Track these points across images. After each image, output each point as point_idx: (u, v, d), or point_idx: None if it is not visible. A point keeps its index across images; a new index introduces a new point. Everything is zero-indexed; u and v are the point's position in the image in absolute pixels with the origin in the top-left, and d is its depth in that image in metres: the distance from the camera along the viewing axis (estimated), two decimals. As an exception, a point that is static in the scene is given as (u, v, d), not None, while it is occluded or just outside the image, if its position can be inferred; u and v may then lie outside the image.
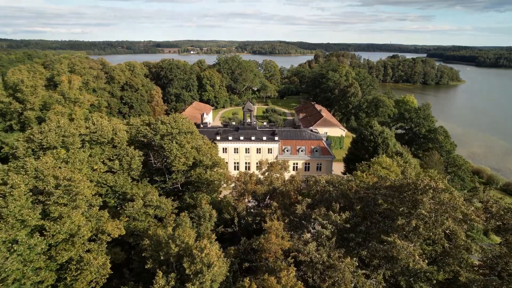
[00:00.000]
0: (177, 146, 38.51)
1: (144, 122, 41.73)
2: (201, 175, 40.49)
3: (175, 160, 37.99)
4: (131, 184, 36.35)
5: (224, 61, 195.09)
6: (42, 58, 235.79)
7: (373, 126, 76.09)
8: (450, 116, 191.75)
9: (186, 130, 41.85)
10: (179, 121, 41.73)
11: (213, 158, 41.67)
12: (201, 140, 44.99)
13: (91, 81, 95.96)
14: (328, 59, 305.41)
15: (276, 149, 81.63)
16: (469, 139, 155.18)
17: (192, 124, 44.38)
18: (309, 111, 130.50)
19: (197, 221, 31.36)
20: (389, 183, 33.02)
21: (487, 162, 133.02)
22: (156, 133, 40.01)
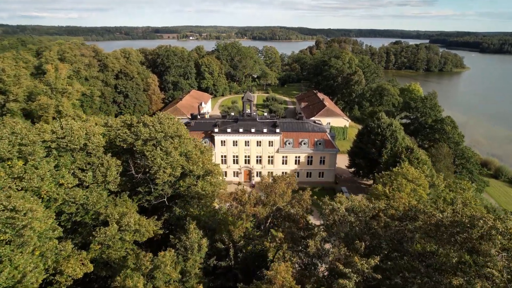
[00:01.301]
0: (162, 154, 33.35)
1: (125, 123, 36.36)
2: (191, 187, 35.46)
3: (160, 171, 32.74)
4: (106, 201, 31.32)
5: (223, 47, 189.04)
6: (37, 44, 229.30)
7: (380, 117, 71.76)
8: (454, 104, 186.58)
9: (174, 134, 36.42)
10: (165, 123, 36.08)
11: (205, 167, 36.53)
12: (192, 143, 40.11)
13: (82, 69, 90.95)
14: (330, 45, 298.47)
15: (277, 142, 77.47)
16: (473, 128, 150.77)
17: (181, 125, 39.17)
18: (311, 100, 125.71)
19: (184, 253, 26.54)
20: (433, 220, 24.47)
21: (493, 152, 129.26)
22: (138, 137, 34.33)
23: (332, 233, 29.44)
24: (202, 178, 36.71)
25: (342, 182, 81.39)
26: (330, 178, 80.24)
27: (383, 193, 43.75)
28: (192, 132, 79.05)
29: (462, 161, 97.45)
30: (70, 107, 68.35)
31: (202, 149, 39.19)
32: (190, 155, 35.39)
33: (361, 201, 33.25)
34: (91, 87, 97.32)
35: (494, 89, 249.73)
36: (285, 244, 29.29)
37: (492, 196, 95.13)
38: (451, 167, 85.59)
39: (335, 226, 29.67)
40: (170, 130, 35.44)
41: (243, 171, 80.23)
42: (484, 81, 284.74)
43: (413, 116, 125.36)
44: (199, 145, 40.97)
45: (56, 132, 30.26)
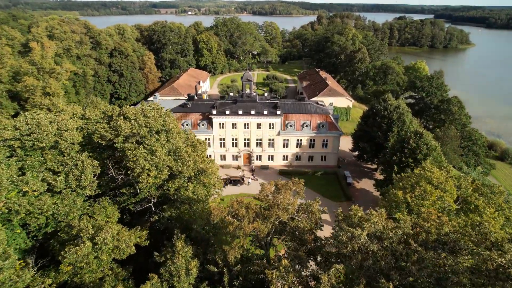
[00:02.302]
0: (146, 153, 28.68)
1: (105, 115, 31.17)
2: (181, 191, 30.76)
3: (143, 174, 28.10)
4: (81, 209, 27.17)
5: (222, 23, 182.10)
6: (29, 19, 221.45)
7: (387, 99, 68.05)
8: (458, 83, 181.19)
9: (160, 128, 31.45)
10: (150, 115, 31.00)
11: (198, 165, 31.73)
12: (183, 136, 35.33)
13: (73, 47, 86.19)
14: (332, 21, 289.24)
15: (278, 124, 74.11)
16: (479, 107, 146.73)
17: (169, 116, 33.87)
18: (313, 78, 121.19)
19: (169, 279, 22.73)
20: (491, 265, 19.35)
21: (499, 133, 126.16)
22: (118, 133, 29.25)
23: (350, 265, 24.09)
24: (194, 178, 32.51)
25: (345, 166, 78.61)
26: (332, 162, 77.42)
27: (404, 200, 38.63)
28: (189, 113, 75.70)
29: (469, 144, 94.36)
30: (59, 88, 64.52)
31: (195, 143, 35.54)
32: (179, 152, 30.97)
33: (384, 222, 27.39)
34: (84, 66, 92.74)
35: (500, 66, 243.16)
36: (291, 274, 23.98)
37: (498, 179, 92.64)
38: (458, 150, 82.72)
39: (354, 257, 24.54)
40: (156, 124, 31.00)
41: (242, 155, 77.31)
42: (490, 58, 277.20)
43: (418, 96, 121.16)
44: (191, 137, 36.94)
45: (19, 128, 25.79)
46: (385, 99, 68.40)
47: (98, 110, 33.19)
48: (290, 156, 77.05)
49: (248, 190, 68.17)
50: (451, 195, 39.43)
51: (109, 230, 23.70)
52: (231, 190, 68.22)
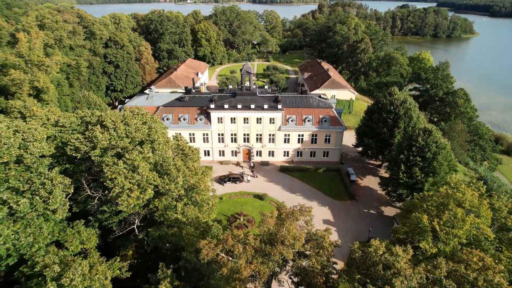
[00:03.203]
0: (127, 170, 24.93)
1: (83, 122, 27.37)
2: (168, 213, 26.36)
3: (123, 194, 24.26)
4: (49, 237, 23.08)
5: (221, 12, 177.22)
6: (23, 8, 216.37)
7: (393, 93, 64.94)
8: (462, 74, 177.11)
9: (144, 138, 27.25)
10: (132, 124, 26.78)
11: (188, 181, 27.23)
12: (173, 144, 31.22)
13: (65, 37, 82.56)
14: (333, 9, 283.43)
15: (279, 119, 71.12)
16: (483, 99, 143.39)
17: (156, 123, 29.84)
18: (315, 70, 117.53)
19: None
20: None
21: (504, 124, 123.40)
22: (95, 145, 25.34)
23: None
24: (185, 195, 28.14)
25: (348, 162, 75.88)
26: (335, 158, 74.67)
27: (430, 228, 32.14)
28: (186, 107, 72.72)
29: (475, 138, 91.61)
30: (48, 82, 61.21)
31: (186, 151, 31.25)
32: (167, 166, 26.62)
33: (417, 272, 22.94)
34: (77, 57, 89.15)
35: (505, 57, 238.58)
36: None
37: (504, 175, 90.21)
38: (465, 145, 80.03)
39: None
40: (139, 133, 26.95)
41: (242, 150, 74.52)
42: (494, 48, 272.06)
43: (423, 87, 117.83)
44: (182, 144, 32.49)
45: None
46: (391, 93, 65.28)
47: (74, 116, 29.10)
48: (291, 152, 74.27)
49: (248, 188, 65.63)
50: (486, 220, 33.25)
51: (79, 268, 19.82)
52: (230, 188, 65.68)
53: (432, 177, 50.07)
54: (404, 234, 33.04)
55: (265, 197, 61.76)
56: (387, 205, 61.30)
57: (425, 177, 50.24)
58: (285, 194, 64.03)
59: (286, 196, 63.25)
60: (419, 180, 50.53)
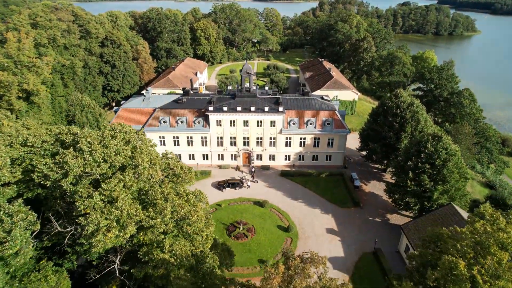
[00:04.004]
0: (103, 203, 21.24)
1: (57, 139, 23.33)
2: (154, 253, 22.09)
3: (98, 234, 20.34)
4: (7, 286, 19.35)
5: (220, 9, 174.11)
6: (20, 5, 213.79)
7: (399, 95, 62.29)
8: (465, 72, 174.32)
9: (126, 163, 23.37)
10: (111, 145, 22.87)
11: (179, 212, 22.83)
12: (161, 164, 26.87)
13: (59, 36, 79.79)
14: (334, 7, 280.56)
15: (280, 121, 68.51)
16: (487, 98, 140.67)
17: (143, 141, 26.33)
18: (316, 69, 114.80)
19: None
20: None
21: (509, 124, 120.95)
22: (66, 172, 21.64)
23: None
24: (175, 225, 24.01)
25: (352, 166, 73.33)
26: (338, 162, 72.12)
27: (469, 276, 25.38)
28: (183, 110, 70.15)
29: (481, 140, 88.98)
30: (39, 84, 58.51)
31: (178, 172, 26.98)
32: (152, 196, 22.59)
33: None
34: (72, 57, 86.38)
35: (509, 56, 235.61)
36: None
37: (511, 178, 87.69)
38: (472, 148, 77.40)
39: None
40: (120, 157, 23.03)
41: (241, 154, 71.94)
42: (496, 46, 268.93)
43: (427, 87, 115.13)
44: (173, 163, 28.22)
45: None
46: (397, 95, 62.62)
47: (47, 134, 25.22)
48: (292, 155, 71.71)
49: (248, 194, 63.11)
50: None
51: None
52: (229, 194, 63.16)
53: (442, 185, 47.55)
54: (435, 282, 26.96)
55: (265, 204, 59.25)
56: (393, 212, 58.79)
57: (434, 185, 47.70)
58: (286, 200, 61.53)
59: (287, 203, 60.81)
60: (428, 188, 48.00)
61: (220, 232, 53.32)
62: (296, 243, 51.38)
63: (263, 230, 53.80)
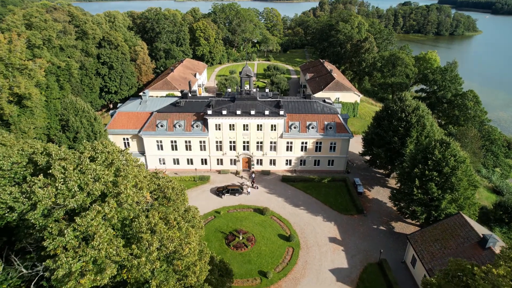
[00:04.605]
0: (76, 242, 18.06)
1: (31, 160, 20.28)
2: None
3: (70, 280, 17.35)
4: None
5: (220, 9, 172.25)
6: (19, 5, 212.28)
7: (404, 99, 60.32)
8: (467, 72, 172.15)
9: (107, 190, 20.18)
10: (89, 171, 19.81)
11: (167, 247, 19.79)
12: (150, 185, 23.90)
13: (54, 37, 77.76)
14: (335, 7, 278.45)
15: (281, 125, 66.52)
16: (490, 99, 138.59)
17: (129, 161, 22.76)
18: (317, 70, 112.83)
19: None
20: None
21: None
22: (34, 203, 18.66)
23: None
24: (164, 260, 20.91)
25: (354, 171, 71.36)
26: (341, 167, 70.14)
27: None
28: (181, 113, 68.16)
29: (486, 143, 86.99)
30: (32, 87, 56.38)
31: (169, 195, 24.06)
32: (137, 229, 19.56)
33: None
34: (68, 59, 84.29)
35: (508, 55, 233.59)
36: None
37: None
38: (479, 152, 75.33)
39: None
40: (99, 184, 19.95)
41: (241, 159, 69.96)
42: (498, 46, 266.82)
43: (430, 89, 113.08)
44: (163, 184, 24.99)
45: None
46: (401, 98, 60.65)
47: (19, 154, 21.75)
48: (294, 160, 69.72)
49: (248, 201, 61.12)
50: None
51: None
52: (229, 200, 61.17)
53: (450, 194, 45.56)
54: None
55: (266, 211, 57.25)
56: (398, 220, 56.81)
57: (442, 193, 45.70)
58: (287, 207, 59.53)
59: (288, 210, 58.82)
60: (436, 197, 46.01)
61: (219, 241, 51.44)
62: (297, 254, 49.38)
63: (263, 239, 51.83)
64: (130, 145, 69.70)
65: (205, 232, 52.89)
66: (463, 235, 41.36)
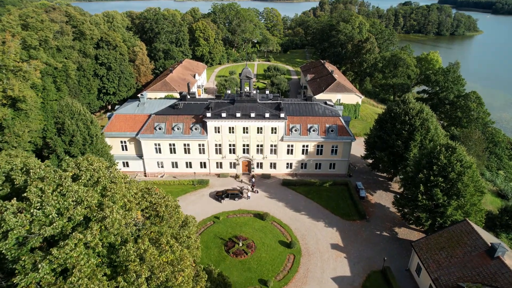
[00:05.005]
0: (53, 276, 16.12)
1: (8, 178, 18.24)
2: None
3: None
4: None
5: (220, 9, 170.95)
6: (17, 5, 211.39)
7: (407, 101, 58.97)
8: (468, 73, 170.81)
9: (90, 214, 18.11)
10: (72, 193, 17.82)
11: (157, 277, 17.61)
12: (142, 203, 21.99)
13: (50, 38, 76.43)
14: (335, 7, 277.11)
15: (282, 128, 65.19)
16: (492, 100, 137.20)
17: (117, 179, 20.66)
18: (318, 71, 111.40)
19: None
20: None
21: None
22: (5, 232, 16.58)
23: None
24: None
25: (356, 174, 70.02)
26: (342, 170, 68.81)
27: None
28: (180, 116, 66.86)
29: (490, 145, 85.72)
30: (26, 89, 55.01)
31: (162, 214, 22.24)
32: (124, 257, 17.44)
33: None
34: (65, 60, 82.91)
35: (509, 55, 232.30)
36: None
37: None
38: (483, 155, 74.01)
39: None
40: (81, 209, 17.81)
41: (241, 162, 68.62)
42: (499, 46, 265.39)
43: (432, 90, 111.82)
44: (156, 201, 22.91)
45: None
46: (405, 100, 59.28)
47: None
48: (294, 163, 68.39)
49: (247, 206, 59.78)
50: None
51: None
52: (228, 205, 59.84)
53: (456, 200, 44.24)
54: None
55: (266, 217, 55.90)
56: (401, 226, 55.48)
57: (448, 200, 44.38)
58: (288, 212, 58.20)
59: (289, 215, 57.50)
60: (441, 203, 44.69)
61: (218, 248, 50.11)
62: (299, 261, 48.04)
63: (264, 246, 50.50)
64: (127, 148, 68.36)
65: (204, 238, 51.89)
66: (470, 243, 40.04)
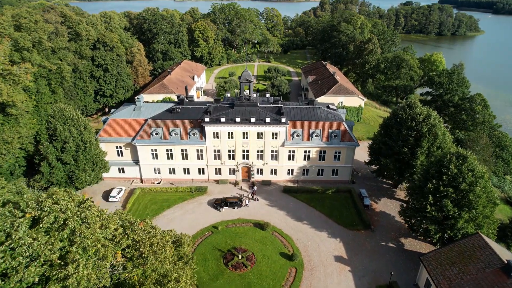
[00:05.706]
0: None
1: None
2: None
3: None
4: None
5: (219, 9, 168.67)
6: (15, 5, 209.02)
7: (413, 105, 56.62)
8: (469, 73, 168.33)
9: (52, 270, 14.75)
10: (25, 245, 14.61)
11: None
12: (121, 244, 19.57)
13: (45, 39, 74.11)
14: (335, 7, 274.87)
15: (283, 133, 62.86)
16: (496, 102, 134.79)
17: (89, 218, 17.68)
18: (319, 73, 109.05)
19: None
20: None
21: None
22: None
23: None
24: None
25: (360, 181, 67.68)
26: (345, 177, 66.49)
27: None
28: (177, 120, 64.54)
29: (496, 150, 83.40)
30: (16, 93, 52.72)
31: (145, 253, 19.31)
32: None
33: None
34: (59, 62, 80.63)
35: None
36: None
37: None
38: (491, 161, 71.68)
39: None
40: (36, 267, 14.40)
41: (240, 168, 66.29)
42: (501, 46, 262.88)
43: (436, 92, 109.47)
44: (140, 238, 20.12)
45: None
46: (411, 105, 56.92)
47: None
48: (296, 170, 66.06)
49: (247, 214, 57.47)
50: None
51: None
52: (227, 214, 57.52)
53: (468, 212, 41.93)
54: None
55: (267, 227, 53.58)
56: (407, 236, 53.15)
57: (458, 211, 42.06)
58: (290, 222, 55.86)
59: (291, 225, 55.17)
60: (451, 215, 42.38)
61: (216, 260, 47.80)
62: (301, 275, 45.73)
63: (264, 258, 48.20)
64: (123, 154, 66.05)
65: (201, 250, 49.57)
66: (483, 259, 37.69)
